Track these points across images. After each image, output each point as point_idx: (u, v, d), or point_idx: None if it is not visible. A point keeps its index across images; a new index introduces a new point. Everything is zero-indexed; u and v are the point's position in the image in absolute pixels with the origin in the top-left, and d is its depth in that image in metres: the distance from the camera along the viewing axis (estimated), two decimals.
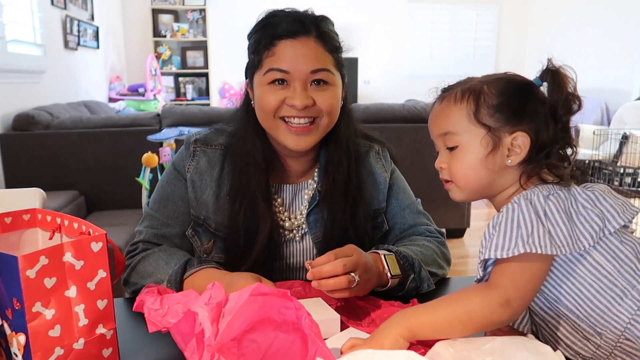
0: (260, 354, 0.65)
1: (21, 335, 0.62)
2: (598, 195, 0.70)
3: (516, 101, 0.73)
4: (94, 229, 0.71)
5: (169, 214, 1.05)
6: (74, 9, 4.20)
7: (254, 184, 1.01)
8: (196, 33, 5.92)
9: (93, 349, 0.67)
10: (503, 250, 0.67)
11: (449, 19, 6.57)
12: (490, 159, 0.74)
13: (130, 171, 2.73)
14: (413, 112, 3.20)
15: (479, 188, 0.77)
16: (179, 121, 2.98)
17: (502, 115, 0.73)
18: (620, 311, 0.67)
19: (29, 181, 2.83)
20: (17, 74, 3.18)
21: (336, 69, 0.99)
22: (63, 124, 2.98)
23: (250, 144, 1.03)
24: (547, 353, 0.61)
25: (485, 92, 0.74)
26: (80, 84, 4.38)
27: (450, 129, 0.76)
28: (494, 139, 0.73)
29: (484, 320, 0.67)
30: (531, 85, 0.74)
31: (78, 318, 0.65)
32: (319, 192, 1.06)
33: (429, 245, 1.07)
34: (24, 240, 0.80)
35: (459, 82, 0.80)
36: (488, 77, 0.77)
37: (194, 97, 6.09)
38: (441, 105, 0.79)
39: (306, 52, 0.95)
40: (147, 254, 1.01)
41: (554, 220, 0.68)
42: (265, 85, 0.97)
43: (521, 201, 0.69)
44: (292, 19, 0.96)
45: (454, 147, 0.76)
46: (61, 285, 0.63)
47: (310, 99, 0.96)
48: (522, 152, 0.73)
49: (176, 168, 1.07)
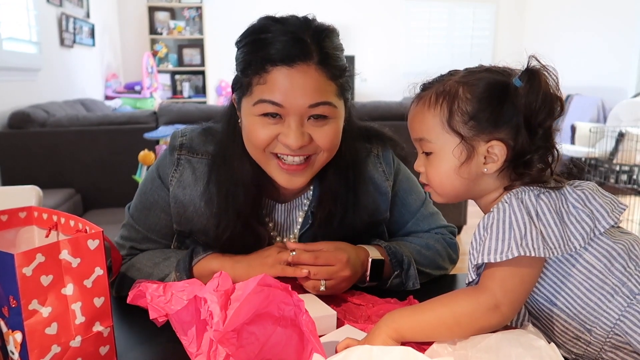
0: (258, 346, 0.65)
1: (18, 333, 0.62)
2: (588, 194, 0.69)
3: (492, 107, 0.69)
4: (91, 227, 0.71)
5: (150, 226, 0.98)
6: (69, 7, 4.18)
7: (244, 212, 0.91)
8: (193, 30, 5.91)
9: (90, 346, 0.67)
10: (497, 254, 0.65)
11: (446, 16, 6.57)
12: (464, 168, 0.71)
13: (127, 169, 2.73)
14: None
15: (455, 194, 0.75)
16: (176, 119, 2.97)
17: (477, 123, 0.69)
18: (611, 308, 0.67)
19: (25, 179, 2.82)
20: (12, 71, 3.16)
21: (339, 97, 0.86)
22: (59, 122, 2.97)
23: (237, 168, 0.91)
24: (542, 347, 0.61)
25: (460, 97, 0.70)
26: (77, 82, 4.37)
27: (425, 135, 0.74)
28: (468, 148, 0.70)
29: (472, 324, 0.66)
30: (509, 87, 0.69)
31: (75, 316, 0.65)
32: (312, 213, 0.97)
33: (435, 246, 1.03)
34: (20, 238, 0.80)
35: (439, 78, 0.76)
36: (467, 76, 0.73)
37: (190, 94, 6.08)
38: (417, 108, 0.76)
39: (304, 84, 0.80)
40: (135, 258, 0.97)
41: (545, 220, 0.66)
42: (254, 116, 0.84)
43: (512, 200, 0.67)
44: (290, 38, 0.81)
45: (429, 152, 0.74)
46: (58, 283, 0.63)
47: (306, 136, 0.83)
48: (499, 161, 0.70)
49: (160, 175, 0.97)
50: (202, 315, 0.64)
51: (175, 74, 6.09)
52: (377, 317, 0.83)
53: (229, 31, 6.76)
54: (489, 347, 0.63)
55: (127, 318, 0.86)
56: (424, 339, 0.68)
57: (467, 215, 3.45)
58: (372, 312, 0.86)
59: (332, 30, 0.86)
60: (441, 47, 6.62)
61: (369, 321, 0.83)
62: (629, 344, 0.66)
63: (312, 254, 0.88)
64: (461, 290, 0.70)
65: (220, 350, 0.61)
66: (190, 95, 6.06)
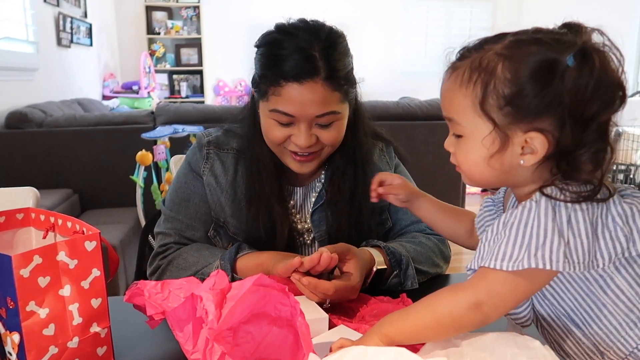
0: (254, 345, 0.66)
1: (15, 334, 0.62)
2: (636, 211, 0.60)
3: (536, 91, 0.58)
4: (88, 228, 0.71)
5: (192, 215, 1.07)
6: (66, 6, 4.17)
7: (267, 188, 1.03)
8: (190, 30, 5.90)
9: (87, 347, 0.67)
10: (505, 261, 0.59)
11: (443, 15, 6.57)
12: (496, 159, 0.62)
13: (124, 169, 2.72)
14: (407, 109, 3.21)
15: (486, 183, 0.68)
16: (173, 119, 2.97)
17: (514, 110, 0.59)
18: (630, 336, 0.63)
19: (22, 179, 2.82)
20: (9, 71, 3.15)
21: (343, 101, 0.97)
22: (56, 122, 2.96)
23: (258, 151, 1.04)
24: (537, 348, 0.61)
25: (498, 76, 0.60)
26: (74, 82, 4.36)
27: (454, 116, 0.65)
28: (502, 137, 0.61)
29: (453, 324, 0.63)
30: (558, 66, 0.57)
31: (72, 317, 0.65)
32: (326, 192, 1.07)
33: (427, 243, 1.07)
34: (18, 240, 0.80)
35: (480, 43, 0.65)
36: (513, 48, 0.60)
37: (188, 94, 6.07)
38: (448, 83, 0.66)
39: (312, 98, 0.92)
40: (183, 249, 1.03)
41: (577, 230, 0.58)
42: (270, 119, 0.97)
43: (542, 201, 0.59)
44: (301, 57, 0.91)
45: (459, 135, 0.66)
46: (55, 284, 0.64)
47: (314, 137, 0.97)
48: (539, 154, 0.60)
49: (193, 169, 1.08)
50: (198, 313, 0.64)
51: (173, 74, 6.08)
52: (370, 317, 0.83)
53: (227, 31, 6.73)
54: (484, 346, 0.63)
55: (125, 319, 0.86)
56: (413, 342, 0.67)
57: None
58: (366, 312, 0.86)
59: (339, 38, 0.97)
60: (439, 45, 6.60)
61: (362, 321, 0.84)
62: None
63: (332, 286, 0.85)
64: (441, 290, 0.66)
65: (216, 349, 0.61)
66: (188, 95, 6.06)
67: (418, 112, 3.21)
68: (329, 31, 0.96)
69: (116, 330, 0.72)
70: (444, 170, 3.28)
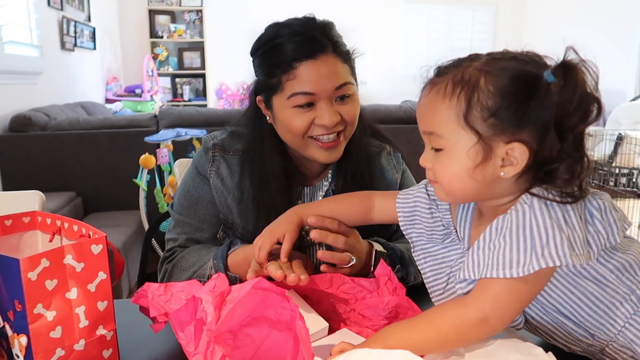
0: (254, 348, 0.67)
1: (23, 336, 0.63)
2: (607, 205, 0.63)
3: (518, 104, 0.60)
4: (94, 232, 0.72)
5: (201, 217, 1.07)
6: (70, 10, 4.20)
7: (277, 198, 1.02)
8: (193, 34, 5.92)
9: (93, 349, 0.68)
10: (519, 268, 0.58)
11: (444, 19, 6.59)
12: (478, 171, 0.63)
13: (128, 173, 2.74)
14: (409, 113, 3.21)
15: (464, 197, 0.69)
16: (176, 122, 2.98)
17: (498, 121, 0.61)
18: (618, 315, 0.66)
19: (25, 182, 2.84)
20: (13, 75, 3.17)
21: (353, 76, 1.00)
22: (60, 125, 2.98)
23: (268, 161, 1.03)
24: (540, 355, 0.61)
25: (481, 89, 0.61)
26: (77, 85, 4.38)
27: (436, 129, 0.66)
28: (485, 148, 0.62)
29: (459, 339, 0.63)
30: (539, 81, 0.60)
31: (79, 319, 0.66)
32: (333, 190, 1.08)
33: None
34: (24, 243, 0.81)
35: (456, 62, 0.67)
36: (491, 64, 0.63)
37: (190, 98, 6.09)
38: (429, 97, 0.67)
39: (328, 71, 0.94)
40: (185, 252, 1.04)
41: (572, 224, 0.59)
42: (290, 109, 0.96)
43: (534, 202, 0.60)
44: (304, 37, 0.94)
45: (439, 149, 0.66)
46: (62, 287, 0.64)
47: (337, 115, 0.96)
48: (519, 165, 0.62)
49: (200, 172, 1.08)
50: (198, 315, 0.65)
51: (176, 77, 6.10)
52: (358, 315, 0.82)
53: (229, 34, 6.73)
54: (486, 352, 0.63)
55: (130, 322, 0.86)
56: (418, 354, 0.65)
57: None
58: (356, 307, 0.83)
59: (332, 23, 1.00)
60: (440, 49, 6.61)
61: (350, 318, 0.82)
62: (630, 349, 0.66)
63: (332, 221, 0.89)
64: (447, 303, 0.67)
65: (216, 351, 0.62)
66: (191, 99, 6.07)
67: None
68: (320, 19, 0.99)
69: (121, 332, 0.73)
70: None
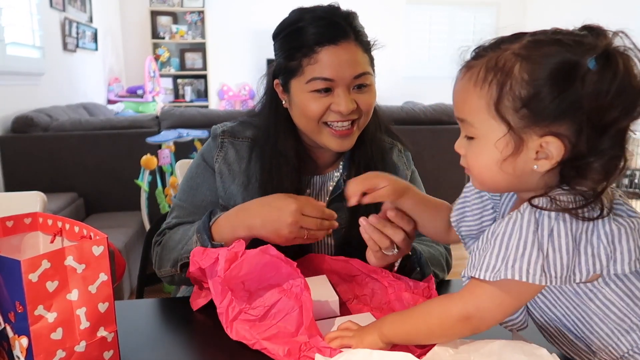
0: (265, 309, 0.77)
1: (24, 338, 0.63)
2: (623, 232, 0.58)
3: (553, 95, 0.56)
4: (95, 233, 0.72)
5: (197, 203, 1.07)
6: (72, 11, 4.20)
7: (287, 183, 1.02)
8: (195, 35, 5.93)
9: (94, 351, 0.68)
10: (488, 271, 0.60)
11: (446, 20, 6.58)
12: (508, 163, 0.60)
13: (129, 173, 2.74)
14: (411, 114, 3.21)
15: (495, 188, 0.67)
16: (178, 123, 2.98)
17: (531, 112, 0.57)
18: (622, 341, 0.63)
19: (27, 183, 2.84)
20: (16, 76, 3.18)
21: (372, 67, 1.01)
22: (62, 126, 2.98)
23: (282, 143, 1.04)
24: (544, 356, 0.61)
25: (515, 77, 0.57)
26: (79, 86, 4.38)
27: (467, 117, 0.63)
28: (516, 140, 0.59)
29: (444, 333, 0.66)
30: (578, 70, 0.55)
31: (79, 321, 0.66)
32: (344, 180, 1.07)
33: (438, 247, 1.09)
34: (25, 244, 0.81)
35: (496, 42, 0.62)
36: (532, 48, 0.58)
37: (192, 99, 6.09)
38: (462, 81, 0.64)
39: (349, 58, 0.94)
40: (172, 231, 1.05)
41: (558, 244, 0.57)
42: (307, 93, 0.97)
43: (525, 213, 0.59)
44: (327, 22, 0.95)
45: (471, 137, 0.64)
46: (63, 289, 0.64)
47: (354, 102, 0.97)
48: (554, 159, 0.58)
49: (205, 159, 1.09)
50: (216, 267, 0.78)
51: (178, 78, 6.11)
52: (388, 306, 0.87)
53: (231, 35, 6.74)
54: (491, 352, 0.63)
55: (131, 323, 0.87)
56: (408, 344, 0.70)
57: None
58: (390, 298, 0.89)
59: (355, 13, 1.01)
60: (442, 50, 6.62)
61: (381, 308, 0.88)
62: None
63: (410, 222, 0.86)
64: (434, 299, 0.70)
65: (235, 307, 0.76)
66: (192, 99, 6.08)
67: (422, 116, 3.21)
68: (344, 9, 0.99)
69: (123, 334, 0.73)
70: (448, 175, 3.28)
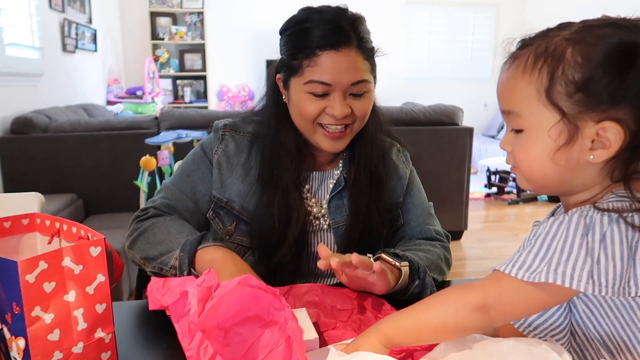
0: (245, 347, 0.66)
1: (21, 339, 0.62)
2: None
3: (611, 76, 0.53)
4: (93, 234, 0.71)
5: (186, 189, 1.08)
6: (71, 12, 4.20)
7: (286, 175, 1.03)
8: (194, 36, 5.92)
9: (92, 352, 0.67)
10: (527, 272, 0.55)
11: (446, 21, 6.59)
12: (562, 154, 0.57)
13: (129, 174, 2.74)
14: (411, 115, 3.21)
15: (545, 183, 0.61)
16: (177, 124, 2.98)
17: (586, 97, 0.54)
18: None
19: (26, 184, 2.84)
20: (15, 77, 3.18)
21: (372, 74, 1.02)
22: (61, 127, 2.98)
23: (283, 135, 1.04)
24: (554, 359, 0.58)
25: (567, 61, 0.55)
26: (78, 87, 4.38)
27: (515, 108, 0.59)
28: (570, 128, 0.55)
29: (457, 325, 0.60)
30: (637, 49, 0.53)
31: (77, 322, 0.65)
32: (345, 178, 1.09)
33: (435, 251, 1.08)
34: (23, 245, 0.80)
35: (543, 31, 0.60)
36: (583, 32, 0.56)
37: (192, 99, 6.09)
38: (508, 72, 0.61)
39: (348, 65, 0.95)
40: (157, 220, 1.03)
41: (611, 250, 0.52)
42: (304, 93, 0.98)
43: (574, 217, 0.54)
44: (332, 26, 0.95)
45: (519, 130, 0.60)
46: (60, 290, 0.64)
47: (348, 108, 0.98)
48: (612, 148, 0.54)
49: (204, 149, 1.10)
50: (185, 308, 0.64)
51: (177, 79, 6.10)
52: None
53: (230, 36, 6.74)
54: (500, 353, 0.60)
55: (129, 324, 0.86)
56: (413, 343, 0.64)
57: (467, 220, 3.45)
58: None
59: (362, 18, 1.01)
60: (442, 51, 6.63)
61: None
62: None
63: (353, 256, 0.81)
64: (449, 287, 0.63)
65: (208, 348, 0.61)
66: (192, 100, 6.08)
67: (421, 117, 3.21)
68: (352, 12, 1.00)
69: (120, 335, 0.72)
70: (448, 176, 3.28)
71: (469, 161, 3.32)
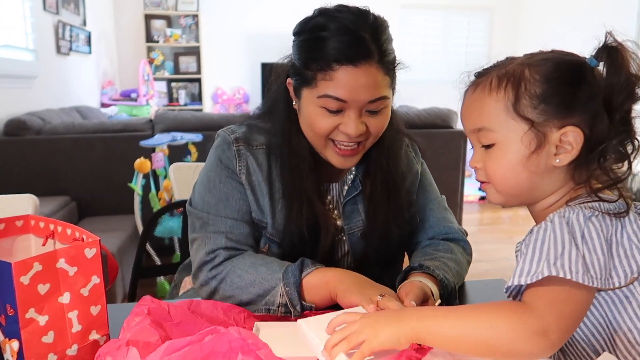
0: None
1: (14, 341, 0.62)
2: None
3: (566, 88, 0.62)
4: (87, 235, 0.71)
5: (234, 215, 0.97)
6: (66, 14, 4.19)
7: (308, 183, 0.98)
8: (189, 38, 5.91)
9: (86, 355, 0.67)
10: (528, 276, 0.57)
11: (440, 25, 6.61)
12: (533, 160, 0.64)
13: (123, 177, 2.73)
14: (405, 118, 3.22)
15: (519, 192, 0.67)
16: (172, 127, 2.97)
17: (549, 107, 0.62)
18: None
19: (20, 187, 2.81)
20: (8, 79, 3.16)
21: (391, 88, 0.95)
22: (55, 130, 2.97)
23: (296, 143, 0.98)
24: None
25: (527, 79, 0.63)
26: (73, 89, 4.36)
27: (485, 124, 0.66)
28: (538, 135, 0.63)
29: (510, 348, 0.55)
30: (584, 66, 0.63)
31: (71, 324, 0.65)
32: (360, 181, 1.04)
33: (461, 259, 1.05)
34: (17, 247, 0.80)
35: (495, 64, 0.69)
36: (530, 58, 0.66)
37: (186, 102, 6.08)
38: (474, 95, 0.68)
39: (367, 82, 0.88)
40: (237, 262, 0.93)
41: (592, 245, 0.57)
42: (317, 107, 0.91)
43: (555, 219, 0.60)
44: (351, 38, 0.87)
45: (490, 144, 0.67)
46: (55, 292, 0.64)
47: (364, 126, 0.92)
48: (574, 150, 0.62)
49: (227, 167, 0.99)
50: None
51: (172, 82, 6.09)
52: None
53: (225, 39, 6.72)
54: None
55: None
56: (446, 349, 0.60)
57: (462, 223, 3.47)
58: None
59: (385, 22, 0.93)
60: (436, 55, 6.65)
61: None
62: None
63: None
64: (501, 302, 0.59)
65: None
66: (187, 103, 6.06)
67: (416, 120, 3.22)
68: (373, 15, 0.92)
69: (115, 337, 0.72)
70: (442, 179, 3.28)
71: (463, 164, 3.33)
